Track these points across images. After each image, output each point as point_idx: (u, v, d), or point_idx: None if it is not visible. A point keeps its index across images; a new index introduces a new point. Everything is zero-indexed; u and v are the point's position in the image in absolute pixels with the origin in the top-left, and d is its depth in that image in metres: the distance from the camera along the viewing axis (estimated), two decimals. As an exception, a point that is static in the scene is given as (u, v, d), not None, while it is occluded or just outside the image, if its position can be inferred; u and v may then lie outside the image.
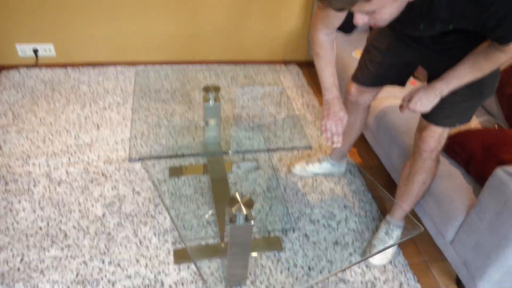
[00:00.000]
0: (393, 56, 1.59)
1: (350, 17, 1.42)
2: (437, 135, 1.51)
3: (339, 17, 1.41)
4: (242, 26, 2.89)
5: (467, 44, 1.31)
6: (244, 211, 1.26)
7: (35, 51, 2.74)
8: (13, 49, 2.72)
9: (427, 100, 1.41)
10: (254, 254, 1.70)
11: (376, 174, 2.20)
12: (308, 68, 3.12)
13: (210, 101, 1.76)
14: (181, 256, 1.66)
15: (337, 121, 1.53)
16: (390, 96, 2.08)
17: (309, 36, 2.99)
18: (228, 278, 1.52)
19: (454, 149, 1.72)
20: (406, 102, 1.48)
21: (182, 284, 1.57)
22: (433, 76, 1.46)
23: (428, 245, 1.84)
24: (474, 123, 1.95)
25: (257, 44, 3.00)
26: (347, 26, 2.63)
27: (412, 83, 2.24)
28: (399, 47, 1.54)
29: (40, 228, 1.75)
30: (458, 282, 1.67)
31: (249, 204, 1.27)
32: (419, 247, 1.83)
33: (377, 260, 1.70)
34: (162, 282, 1.58)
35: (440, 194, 1.62)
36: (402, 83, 1.69)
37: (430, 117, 1.51)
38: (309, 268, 1.67)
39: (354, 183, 2.10)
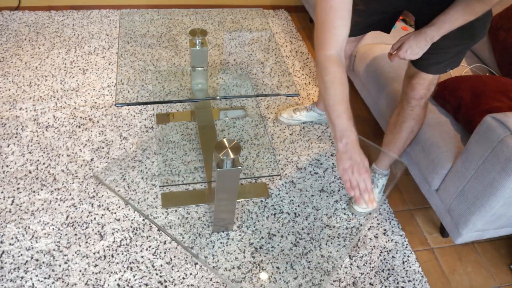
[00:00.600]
0: (380, 4, 1.48)
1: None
2: (427, 82, 1.46)
3: (345, 24, 1.12)
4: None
5: None
6: (232, 155, 1.23)
7: (17, -8, 2.57)
8: (-7, -10, 2.55)
9: (417, 47, 1.34)
10: (241, 200, 1.70)
11: (364, 123, 2.17)
12: (297, 13, 2.99)
13: (197, 45, 1.68)
14: (168, 200, 1.65)
15: (363, 174, 1.07)
16: (380, 43, 2.01)
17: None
18: (215, 223, 1.52)
19: (444, 95, 1.67)
20: (395, 50, 1.41)
21: (170, 227, 1.57)
22: (421, 21, 1.38)
23: (413, 193, 1.85)
24: (465, 70, 1.90)
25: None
26: None
27: (403, 29, 2.16)
28: None
29: (30, 172, 1.71)
30: (442, 230, 1.70)
31: (236, 149, 1.24)
32: (404, 196, 1.84)
33: (362, 208, 1.70)
34: (150, 225, 1.57)
35: (427, 141, 1.60)
36: (386, 29, 1.60)
37: (420, 64, 1.44)
38: (295, 214, 1.68)
39: (340, 130, 2.07)
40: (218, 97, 1.87)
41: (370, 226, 1.67)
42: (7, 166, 1.72)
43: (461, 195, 1.46)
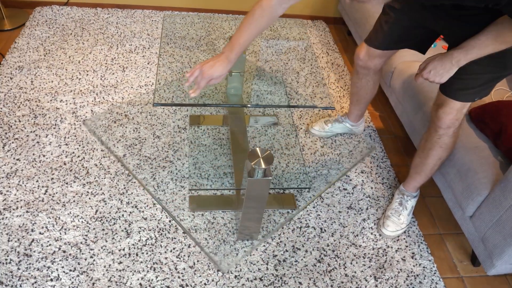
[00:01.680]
0: (407, 16, 1.40)
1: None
2: (454, 112, 1.34)
3: None
4: (274, -23, 2.66)
5: (489, 12, 1.12)
6: (264, 165, 1.17)
7: (67, -12, 2.59)
8: (46, -15, 2.57)
9: (442, 69, 1.23)
10: (267, 209, 1.63)
11: (397, 139, 2.06)
12: (336, 25, 2.90)
13: (236, 52, 1.62)
14: (196, 203, 1.60)
15: (206, 77, 1.32)
16: (419, 61, 1.90)
17: (340, -7, 2.75)
18: (241, 231, 1.45)
19: (484, 119, 1.55)
20: (421, 70, 1.30)
21: (196, 231, 1.52)
22: (452, 45, 1.28)
23: (444, 217, 1.73)
24: (507, 94, 1.78)
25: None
26: None
27: (444, 48, 2.04)
28: (414, 8, 1.36)
29: (64, 163, 1.69)
30: (473, 258, 1.57)
31: (269, 159, 1.19)
32: (435, 219, 1.72)
33: (390, 231, 1.59)
34: (176, 227, 1.52)
35: (463, 166, 1.48)
36: (421, 48, 1.49)
37: (448, 90, 1.33)
38: (321, 230, 1.59)
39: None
40: (250, 105, 1.81)
41: (398, 248, 1.57)
42: (44, 156, 1.71)
43: (498, 225, 1.34)
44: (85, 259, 1.40)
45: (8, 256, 1.38)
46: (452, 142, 1.44)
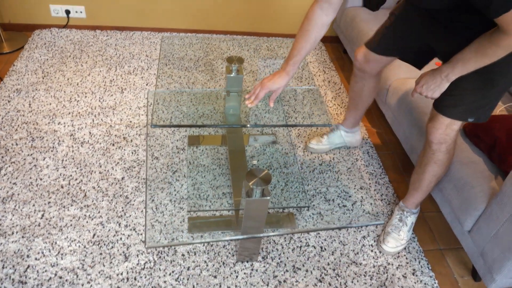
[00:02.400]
0: (405, 25, 1.44)
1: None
2: (444, 127, 1.34)
3: None
4: (269, -2, 2.68)
5: (482, 27, 1.14)
6: (262, 185, 1.15)
7: (67, 12, 2.60)
8: (46, 9, 2.58)
9: (433, 84, 1.27)
10: (267, 229, 1.60)
11: (394, 156, 2.05)
12: (332, 43, 2.91)
13: (233, 72, 1.61)
14: (195, 225, 1.56)
15: (265, 88, 1.42)
16: (414, 78, 1.90)
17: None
18: (240, 252, 1.42)
19: (478, 134, 1.55)
20: (415, 85, 1.35)
21: (195, 253, 1.48)
22: (444, 61, 1.31)
23: (444, 232, 1.70)
24: (500, 109, 1.77)
25: (281, 17, 2.79)
26: (373, 3, 2.41)
27: (437, 64, 2.04)
28: (412, 18, 1.40)
29: (62, 186, 1.67)
30: (474, 273, 1.54)
31: (267, 179, 1.17)
32: (435, 234, 1.69)
33: (391, 247, 1.56)
34: (175, 249, 1.49)
35: (460, 180, 1.47)
36: (416, 64, 1.53)
37: (438, 106, 1.35)
38: (321, 248, 1.56)
39: (371, 165, 1.96)
40: (249, 125, 1.79)
41: (399, 265, 1.54)
42: (41, 179, 1.69)
43: (496, 239, 1.32)
44: (82, 285, 1.36)
45: (2, 284, 1.34)
46: (446, 159, 1.43)
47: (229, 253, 1.49)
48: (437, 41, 1.35)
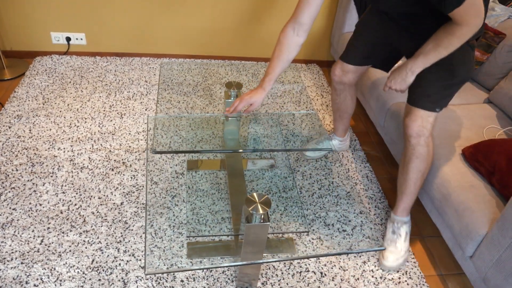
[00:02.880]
0: (373, 31, 1.61)
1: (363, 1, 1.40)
2: (419, 119, 1.47)
3: (311, 11, 1.38)
4: (265, 24, 2.76)
5: (438, 25, 1.30)
6: (261, 211, 1.17)
7: (68, 39, 2.67)
8: (47, 37, 2.65)
9: (399, 77, 1.41)
10: (266, 255, 1.60)
11: (393, 180, 2.07)
12: (329, 68, 2.98)
13: (232, 97, 1.66)
14: (194, 251, 1.57)
15: (244, 101, 1.53)
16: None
17: (331, 36, 2.85)
18: (240, 278, 1.42)
19: (478, 158, 1.57)
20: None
21: (194, 279, 1.49)
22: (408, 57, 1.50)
23: (445, 257, 1.71)
24: (499, 133, 1.81)
25: (280, 42, 2.86)
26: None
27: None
28: (374, 24, 1.58)
29: (61, 212, 1.68)
30: (476, 298, 1.54)
31: (266, 204, 1.19)
32: (436, 259, 1.70)
33: (391, 261, 1.58)
34: (174, 275, 1.49)
35: (460, 205, 1.49)
36: (385, 67, 1.70)
37: (411, 99, 1.50)
38: (321, 274, 1.56)
39: (370, 189, 1.98)
40: (249, 151, 1.82)
41: (400, 291, 1.54)
42: (41, 205, 1.70)
43: (498, 264, 1.33)
44: (81, 312, 1.36)
45: (1, 311, 1.34)
46: (426, 153, 1.51)
47: (229, 279, 1.50)
48: (400, 41, 1.52)
